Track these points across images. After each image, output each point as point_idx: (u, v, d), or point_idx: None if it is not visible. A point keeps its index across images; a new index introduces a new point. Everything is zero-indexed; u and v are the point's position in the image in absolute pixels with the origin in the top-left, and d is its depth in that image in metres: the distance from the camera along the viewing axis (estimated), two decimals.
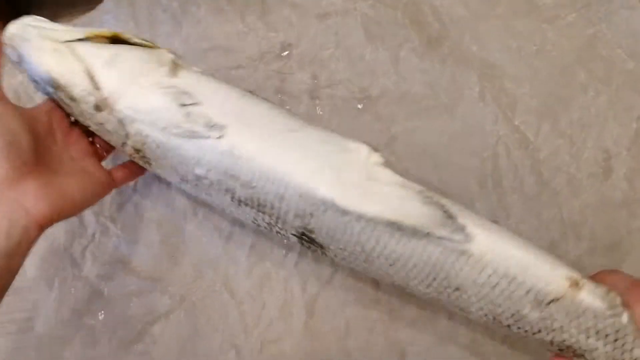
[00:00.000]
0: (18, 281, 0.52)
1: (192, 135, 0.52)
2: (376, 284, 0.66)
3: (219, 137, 0.51)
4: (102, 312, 0.68)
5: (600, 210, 0.66)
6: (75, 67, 0.53)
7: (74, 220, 0.70)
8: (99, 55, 0.54)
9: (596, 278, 0.51)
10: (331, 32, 0.73)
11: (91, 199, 0.57)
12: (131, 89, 0.53)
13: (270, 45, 0.73)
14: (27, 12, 0.78)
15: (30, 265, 0.69)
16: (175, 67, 0.55)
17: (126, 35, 0.56)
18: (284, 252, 0.67)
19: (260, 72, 0.72)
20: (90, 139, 0.61)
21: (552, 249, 0.65)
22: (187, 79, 0.55)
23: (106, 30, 0.55)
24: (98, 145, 0.62)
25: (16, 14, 0.78)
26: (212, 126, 0.51)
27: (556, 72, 0.70)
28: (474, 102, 0.69)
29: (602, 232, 0.65)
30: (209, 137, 0.51)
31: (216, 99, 0.53)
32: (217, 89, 0.55)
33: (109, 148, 0.62)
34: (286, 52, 0.72)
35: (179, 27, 0.74)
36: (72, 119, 0.59)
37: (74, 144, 0.59)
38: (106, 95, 0.53)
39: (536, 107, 0.69)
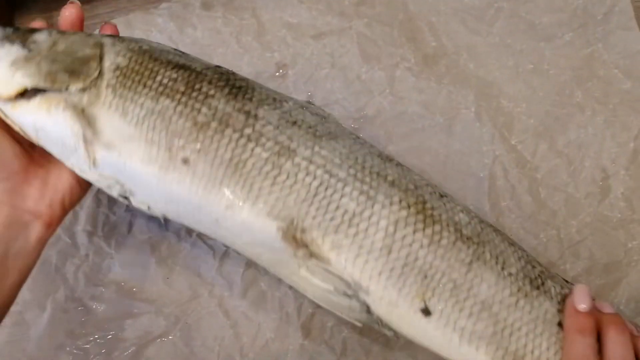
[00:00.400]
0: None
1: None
2: None
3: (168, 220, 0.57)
4: (96, 334, 0.68)
5: (598, 230, 0.66)
6: (19, 131, 0.54)
7: (66, 240, 0.70)
8: (25, 126, 0.54)
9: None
10: (327, 52, 0.73)
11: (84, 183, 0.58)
12: (74, 170, 0.55)
13: (266, 65, 0.73)
14: (22, 6, 0.80)
15: (22, 286, 0.69)
16: (87, 144, 0.53)
17: (27, 83, 0.53)
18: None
19: None
20: None
21: (550, 268, 0.64)
22: (107, 165, 0.53)
23: (11, 92, 0.53)
24: None
25: (11, 7, 0.80)
26: (154, 214, 0.55)
27: (553, 91, 0.70)
28: (470, 122, 0.70)
29: (600, 252, 0.65)
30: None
31: (141, 185, 0.53)
32: (136, 172, 0.52)
33: None
34: (282, 72, 0.73)
35: (175, 48, 0.74)
36: None
37: None
38: None
39: (533, 126, 0.69)
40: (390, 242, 0.50)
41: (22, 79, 0.52)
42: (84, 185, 0.57)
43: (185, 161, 0.51)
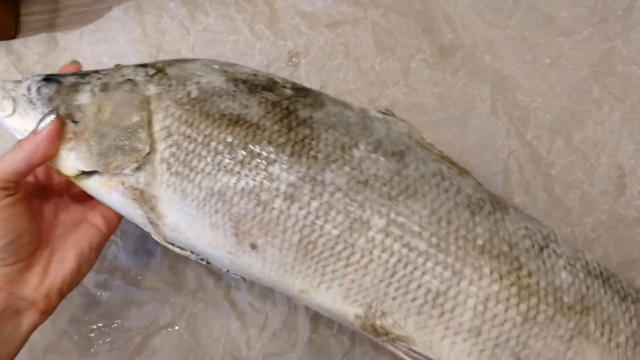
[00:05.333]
0: None
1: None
2: None
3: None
4: (100, 322, 0.71)
5: (613, 228, 0.68)
6: None
7: None
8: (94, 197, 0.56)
9: None
10: (341, 41, 0.76)
11: (91, 254, 0.58)
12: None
13: (279, 53, 0.76)
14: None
15: None
16: (154, 226, 0.54)
17: (83, 167, 0.54)
18: None
19: None
20: None
21: None
22: (179, 243, 0.54)
23: (68, 174, 0.55)
24: None
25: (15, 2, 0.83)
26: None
27: (570, 87, 0.72)
28: (485, 115, 0.72)
29: (615, 250, 0.68)
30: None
31: (218, 262, 0.55)
32: (207, 253, 0.54)
33: None
34: (294, 61, 0.75)
35: (186, 34, 0.77)
36: None
37: (72, 202, 0.61)
38: None
39: (549, 121, 0.71)
40: (479, 322, 0.48)
41: (76, 162, 0.54)
42: (84, 270, 0.57)
43: (254, 247, 0.51)
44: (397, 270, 0.48)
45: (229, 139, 0.51)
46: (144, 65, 0.58)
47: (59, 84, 0.56)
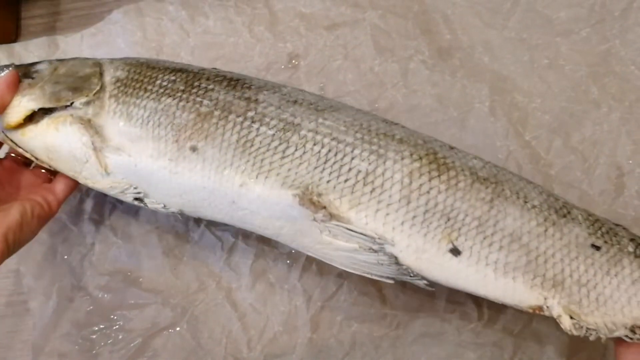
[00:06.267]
0: (16, 290, 0.56)
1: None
2: (383, 298, 0.69)
3: (185, 216, 0.63)
4: (102, 324, 0.71)
5: None
6: (30, 157, 0.63)
7: (72, 228, 0.74)
8: (35, 150, 0.62)
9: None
10: (340, 43, 0.77)
11: (33, 220, 0.60)
12: (87, 184, 0.62)
13: (278, 55, 0.77)
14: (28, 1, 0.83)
15: (28, 273, 0.73)
16: (98, 152, 0.59)
17: (34, 106, 0.60)
18: (287, 265, 0.71)
19: None
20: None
21: None
22: (119, 169, 0.59)
23: (18, 118, 0.60)
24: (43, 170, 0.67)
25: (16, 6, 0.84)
26: (170, 212, 0.61)
27: (569, 87, 0.73)
28: (484, 116, 0.73)
29: None
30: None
31: (155, 183, 0.59)
32: (149, 170, 0.59)
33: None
34: (294, 63, 0.76)
35: (186, 37, 0.78)
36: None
37: (9, 180, 0.64)
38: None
39: (548, 122, 0.72)
40: (407, 192, 0.55)
41: (28, 103, 0.60)
42: (25, 230, 0.59)
43: (194, 149, 0.57)
44: (329, 158, 0.56)
45: (172, 78, 0.60)
46: None
47: (21, 64, 0.65)
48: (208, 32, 0.78)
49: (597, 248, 0.55)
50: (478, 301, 0.68)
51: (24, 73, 0.62)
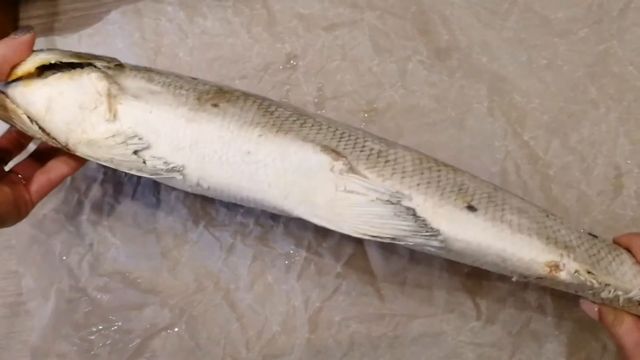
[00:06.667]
0: (14, 291, 0.56)
1: (158, 175, 0.58)
2: (381, 299, 0.69)
3: (182, 177, 0.58)
4: (100, 325, 0.72)
5: (610, 228, 0.69)
6: (20, 115, 0.58)
7: (70, 229, 0.74)
8: (35, 103, 0.58)
9: (622, 239, 0.59)
10: (338, 44, 0.77)
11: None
12: (81, 140, 0.58)
13: (276, 56, 0.77)
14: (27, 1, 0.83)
15: (26, 274, 0.73)
16: (111, 98, 0.58)
17: (51, 58, 0.59)
18: (286, 265, 0.71)
19: (266, 83, 0.76)
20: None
21: None
22: (129, 116, 0.58)
23: (30, 66, 0.58)
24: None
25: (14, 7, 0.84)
26: (170, 169, 0.57)
27: (567, 87, 0.73)
28: (482, 117, 0.73)
29: None
30: (172, 177, 0.58)
31: (165, 133, 0.57)
32: (163, 117, 0.58)
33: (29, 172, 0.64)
34: (292, 63, 0.76)
35: (184, 37, 0.78)
36: None
37: None
38: (63, 143, 0.59)
39: (546, 122, 0.72)
40: (419, 167, 0.58)
41: (46, 56, 0.58)
42: (20, 210, 0.60)
43: (216, 105, 0.58)
44: (344, 136, 0.59)
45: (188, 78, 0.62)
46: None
47: None
48: (206, 32, 0.78)
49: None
50: (476, 301, 0.68)
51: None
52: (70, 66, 0.59)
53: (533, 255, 0.55)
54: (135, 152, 0.57)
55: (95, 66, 0.59)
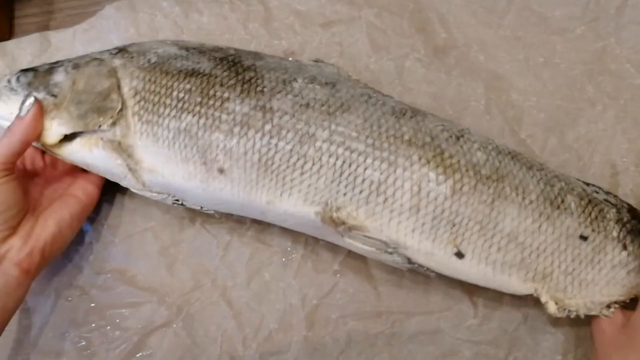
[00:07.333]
0: None
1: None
2: (378, 296, 0.69)
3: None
4: (98, 322, 0.72)
5: None
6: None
7: None
8: (76, 161, 0.67)
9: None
10: (335, 41, 0.77)
11: (72, 222, 0.68)
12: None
13: (273, 52, 0.77)
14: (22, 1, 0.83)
15: None
16: (134, 172, 0.64)
17: (71, 129, 0.64)
18: (283, 262, 0.72)
19: None
20: None
21: None
22: (156, 186, 0.65)
23: (56, 140, 0.65)
24: None
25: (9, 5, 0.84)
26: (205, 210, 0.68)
27: (564, 85, 0.74)
28: (479, 115, 0.74)
29: None
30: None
31: (192, 195, 0.65)
32: (184, 186, 0.64)
33: None
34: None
35: (180, 33, 0.78)
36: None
37: (54, 181, 0.71)
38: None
39: (543, 120, 0.73)
40: (417, 201, 0.59)
41: (59, 128, 0.64)
42: (66, 235, 0.67)
43: (221, 171, 0.61)
44: (344, 170, 0.60)
45: (187, 87, 0.62)
46: (106, 50, 0.69)
47: (35, 71, 0.67)
48: (202, 28, 0.78)
49: (585, 238, 0.61)
50: (473, 299, 0.69)
51: (44, 88, 0.65)
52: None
53: (511, 291, 0.63)
54: (175, 203, 0.66)
55: (103, 127, 0.64)
